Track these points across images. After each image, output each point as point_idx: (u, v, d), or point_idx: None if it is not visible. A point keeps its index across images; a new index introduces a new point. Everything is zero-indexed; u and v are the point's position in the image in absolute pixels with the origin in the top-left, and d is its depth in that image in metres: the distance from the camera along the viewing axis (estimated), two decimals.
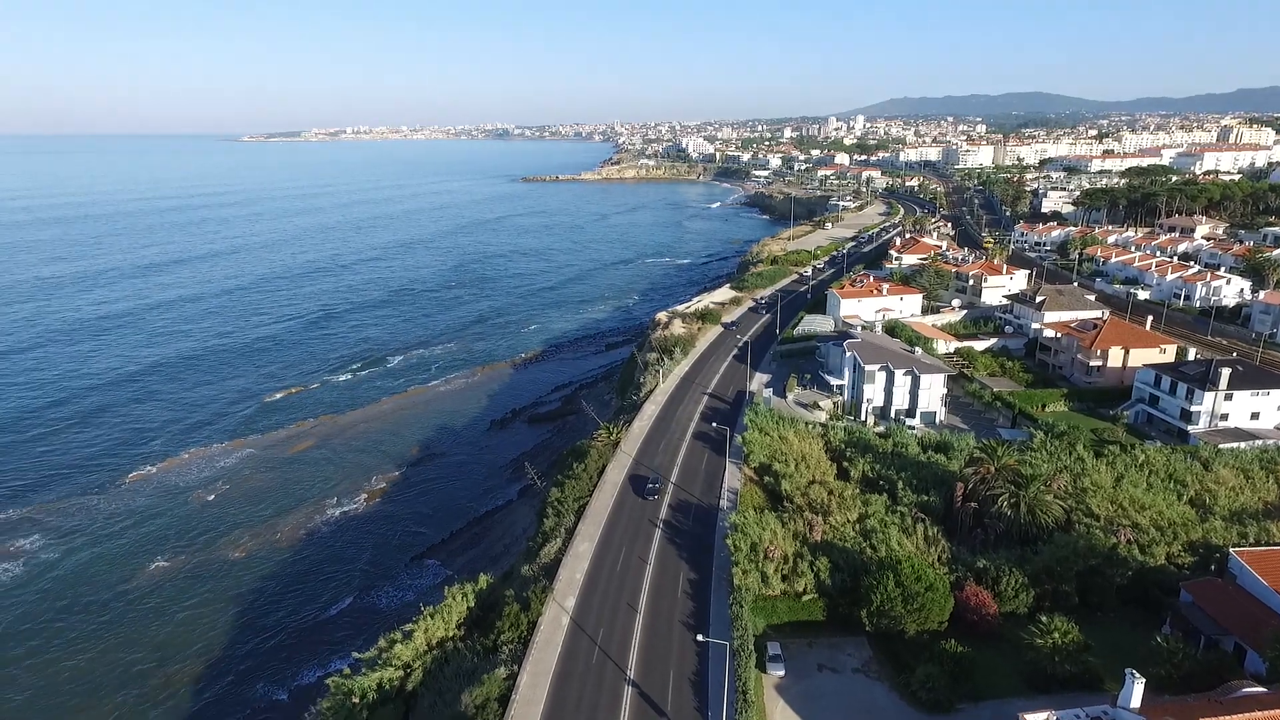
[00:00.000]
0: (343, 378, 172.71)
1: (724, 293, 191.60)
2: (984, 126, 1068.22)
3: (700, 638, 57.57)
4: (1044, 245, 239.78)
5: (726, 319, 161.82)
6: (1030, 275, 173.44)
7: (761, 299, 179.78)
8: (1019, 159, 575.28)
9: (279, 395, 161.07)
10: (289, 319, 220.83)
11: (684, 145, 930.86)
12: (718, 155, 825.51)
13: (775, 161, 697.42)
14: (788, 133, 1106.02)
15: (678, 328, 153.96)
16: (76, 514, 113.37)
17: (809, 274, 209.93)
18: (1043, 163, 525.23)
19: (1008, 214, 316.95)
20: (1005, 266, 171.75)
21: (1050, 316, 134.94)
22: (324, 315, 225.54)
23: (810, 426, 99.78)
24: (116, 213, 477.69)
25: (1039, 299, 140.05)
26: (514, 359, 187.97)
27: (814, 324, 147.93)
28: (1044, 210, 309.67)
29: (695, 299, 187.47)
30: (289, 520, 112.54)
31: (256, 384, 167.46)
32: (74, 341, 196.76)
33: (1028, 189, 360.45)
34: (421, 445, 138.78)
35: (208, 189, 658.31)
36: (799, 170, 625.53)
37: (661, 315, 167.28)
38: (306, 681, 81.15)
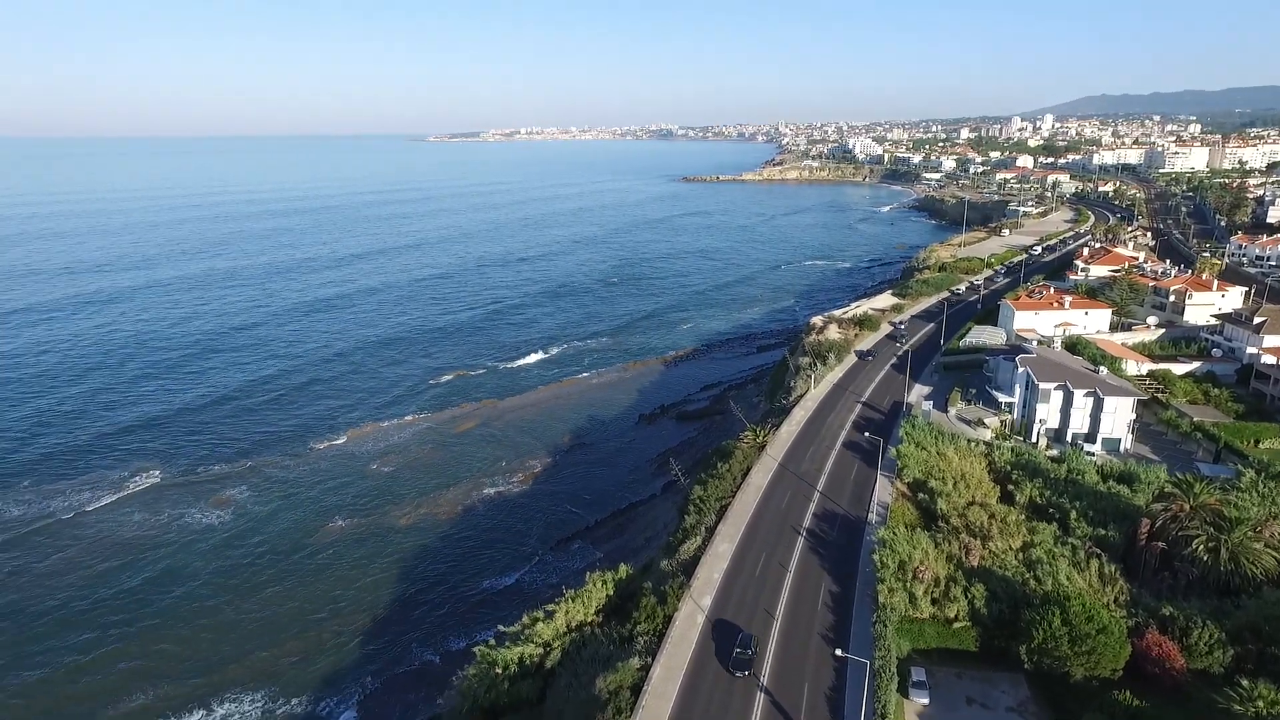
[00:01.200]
0: (504, 365, 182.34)
1: (885, 299, 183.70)
2: (1198, 126, 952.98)
3: (839, 652, 55.54)
4: (1267, 259, 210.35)
5: (862, 345, 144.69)
6: (1247, 293, 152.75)
7: (900, 323, 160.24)
8: (1240, 162, 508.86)
9: (449, 378, 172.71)
10: (462, 309, 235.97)
11: (850, 146, 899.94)
12: (886, 157, 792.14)
13: (949, 164, 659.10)
14: (965, 134, 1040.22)
15: (833, 333, 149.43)
16: (276, 472, 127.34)
17: (979, 283, 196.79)
18: (1271, 166, 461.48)
19: (1222, 223, 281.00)
20: (1216, 282, 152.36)
21: (1272, 340, 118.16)
22: (492, 306, 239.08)
23: (973, 445, 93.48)
24: (322, 207, 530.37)
25: (1258, 320, 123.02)
26: (665, 356, 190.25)
27: (983, 336, 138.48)
28: (1270, 220, 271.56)
29: (853, 304, 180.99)
30: (450, 494, 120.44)
31: (430, 367, 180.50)
32: (287, 322, 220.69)
33: (1250, 196, 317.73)
34: (573, 434, 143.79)
35: (399, 186, 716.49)
36: (975, 173, 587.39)
37: (817, 319, 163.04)
38: (455, 647, 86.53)
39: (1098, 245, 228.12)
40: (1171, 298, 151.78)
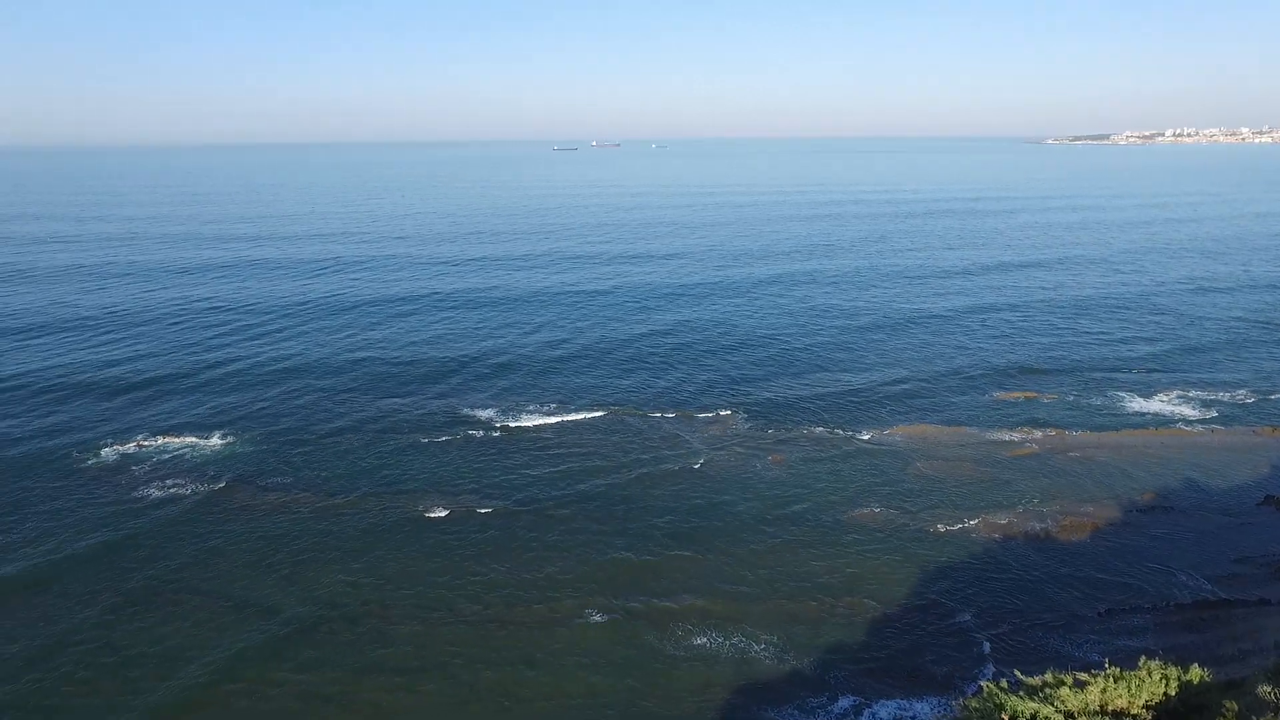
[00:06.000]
0: (1085, 399, 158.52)
1: None
2: None
3: None
4: None
5: None
6: None
7: None
8: None
9: (1017, 396, 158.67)
10: (1059, 333, 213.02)
11: None
12: None
13: None
14: None
15: None
16: (826, 448, 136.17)
17: None
18: None
19: None
20: None
21: None
22: (1094, 333, 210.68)
23: None
24: (948, 210, 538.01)
25: None
26: None
27: None
28: None
29: None
30: (988, 518, 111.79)
31: (1001, 383, 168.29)
32: (908, 326, 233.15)
33: None
34: (1158, 492, 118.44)
35: (1004, 193, 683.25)
36: None
37: None
38: (956, 668, 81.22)
39: None
40: None
